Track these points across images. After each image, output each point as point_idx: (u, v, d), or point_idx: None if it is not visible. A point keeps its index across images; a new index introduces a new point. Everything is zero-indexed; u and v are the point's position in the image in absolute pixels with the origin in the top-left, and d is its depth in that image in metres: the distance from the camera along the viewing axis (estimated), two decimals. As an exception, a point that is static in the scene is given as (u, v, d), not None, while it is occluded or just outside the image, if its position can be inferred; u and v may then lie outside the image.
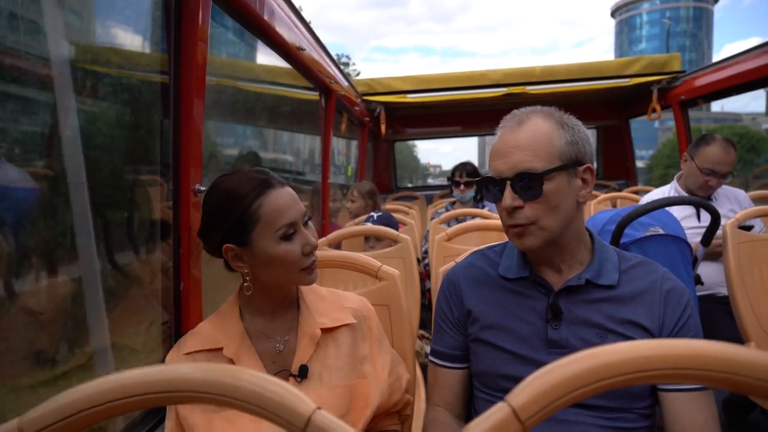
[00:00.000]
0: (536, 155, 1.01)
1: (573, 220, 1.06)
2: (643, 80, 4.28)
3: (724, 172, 2.43)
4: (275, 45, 2.05)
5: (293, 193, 1.09)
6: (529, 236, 1.05)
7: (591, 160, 1.07)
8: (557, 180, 1.01)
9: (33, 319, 1.06)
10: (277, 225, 1.04)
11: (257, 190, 1.04)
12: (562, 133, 1.03)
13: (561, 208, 1.03)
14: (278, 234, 1.04)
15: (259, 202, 1.04)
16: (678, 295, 1.05)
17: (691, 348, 0.46)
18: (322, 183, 3.41)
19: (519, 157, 1.02)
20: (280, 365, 1.09)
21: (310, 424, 0.46)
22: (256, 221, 1.04)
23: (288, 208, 1.06)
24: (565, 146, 1.02)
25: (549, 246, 1.07)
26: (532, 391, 0.46)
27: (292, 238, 1.06)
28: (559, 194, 1.02)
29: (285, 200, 1.06)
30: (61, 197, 1.09)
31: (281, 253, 1.04)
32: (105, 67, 1.23)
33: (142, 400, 0.50)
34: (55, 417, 0.49)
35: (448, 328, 1.19)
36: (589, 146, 1.07)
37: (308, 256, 1.08)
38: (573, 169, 1.03)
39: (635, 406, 1.02)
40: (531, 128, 1.03)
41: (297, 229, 1.07)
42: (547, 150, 1.01)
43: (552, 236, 1.04)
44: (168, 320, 1.31)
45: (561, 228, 1.04)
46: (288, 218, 1.05)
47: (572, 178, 1.04)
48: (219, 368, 0.51)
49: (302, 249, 1.07)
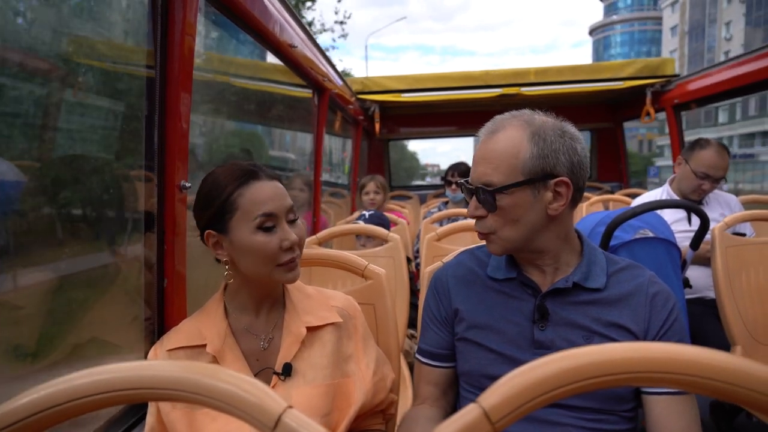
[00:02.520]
0: (497, 169, 1.02)
1: (545, 229, 1.06)
2: (637, 83, 4.30)
3: (718, 177, 2.44)
4: (266, 41, 2.03)
5: (280, 187, 1.08)
6: (491, 244, 1.09)
7: (572, 171, 1.03)
8: (517, 195, 1.02)
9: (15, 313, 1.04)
10: (254, 214, 1.03)
11: (240, 180, 1.04)
12: (529, 147, 1.01)
13: (522, 221, 1.03)
14: (254, 223, 1.03)
15: (239, 192, 1.04)
16: (664, 299, 1.05)
17: (669, 352, 0.46)
18: (314, 180, 3.40)
19: (482, 169, 1.05)
20: (264, 363, 1.09)
21: (280, 423, 0.45)
22: (235, 209, 1.04)
23: (268, 199, 1.04)
24: (530, 160, 1.01)
25: (521, 251, 1.09)
26: (504, 392, 0.45)
27: (271, 231, 1.04)
28: (519, 208, 1.03)
29: (267, 192, 1.05)
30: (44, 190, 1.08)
31: (257, 244, 1.03)
32: (89, 59, 1.22)
33: (116, 397, 0.49)
34: (27, 412, 0.48)
35: (435, 326, 1.19)
36: (568, 157, 1.02)
37: (287, 252, 1.06)
38: (541, 183, 1.02)
39: (618, 408, 1.02)
40: (500, 140, 1.04)
41: (277, 223, 1.05)
42: (508, 164, 1.01)
43: (515, 246, 1.07)
44: (150, 317, 1.30)
45: (523, 239, 1.05)
46: (266, 208, 1.04)
47: (539, 192, 1.02)
48: (193, 366, 0.50)
49: (281, 243, 1.05)
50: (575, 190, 1.04)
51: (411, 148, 39.70)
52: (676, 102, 4.15)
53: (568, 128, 1.06)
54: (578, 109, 5.29)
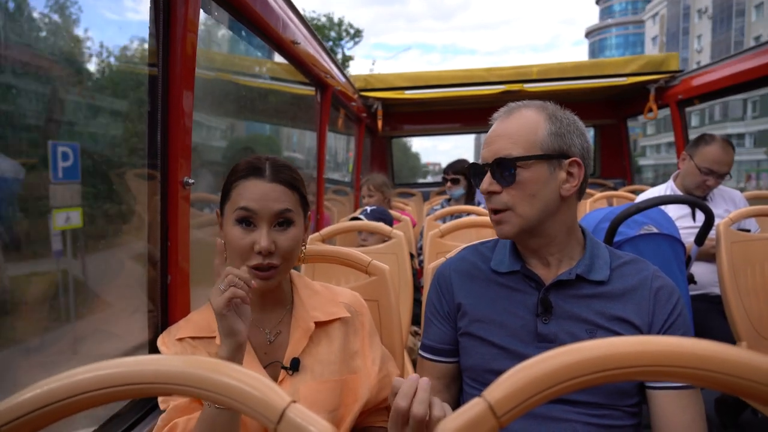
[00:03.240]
0: (516, 143, 1.04)
1: (557, 212, 1.06)
2: (641, 79, 4.28)
3: (723, 173, 2.42)
4: (268, 38, 2.03)
5: (279, 190, 1.04)
6: (505, 224, 1.07)
7: (582, 155, 1.06)
8: (535, 168, 1.03)
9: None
10: (236, 206, 1.04)
11: (244, 172, 1.06)
12: (547, 125, 1.05)
13: (538, 197, 1.04)
14: (234, 215, 1.04)
15: (238, 183, 1.06)
16: (668, 294, 1.04)
17: (676, 345, 0.45)
18: (317, 178, 3.40)
19: (500, 145, 1.06)
20: (272, 357, 1.09)
21: (284, 418, 0.45)
22: (228, 197, 1.07)
23: (257, 197, 1.03)
24: (548, 137, 1.04)
25: (531, 236, 1.08)
26: (509, 386, 0.45)
27: (247, 228, 1.03)
28: (536, 183, 1.03)
29: (259, 190, 1.04)
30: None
31: (230, 235, 1.04)
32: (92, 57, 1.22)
33: (119, 392, 0.49)
34: (30, 407, 0.48)
35: (438, 321, 1.19)
36: (581, 140, 1.07)
37: (256, 255, 1.03)
38: (556, 160, 1.04)
39: (622, 404, 1.01)
40: (517, 118, 1.07)
41: (255, 222, 1.03)
42: (527, 138, 1.04)
43: (529, 224, 1.06)
44: (154, 311, 1.30)
45: (538, 217, 1.05)
46: (247, 203, 1.03)
47: (554, 170, 1.04)
48: (197, 361, 0.50)
49: (253, 244, 1.02)
50: (583, 177, 1.06)
51: (413, 148, 39.78)
52: (680, 98, 4.12)
53: (577, 118, 1.10)
54: (581, 106, 5.25)
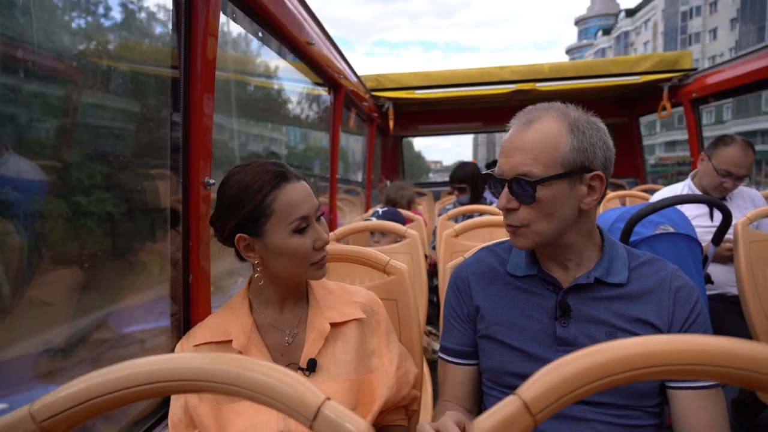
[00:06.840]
0: (536, 160, 0.99)
1: (574, 225, 1.04)
2: (655, 77, 4.24)
3: (741, 175, 2.36)
4: (284, 39, 2.04)
5: (308, 187, 1.10)
6: (520, 237, 1.05)
7: (605, 166, 1.03)
8: (555, 187, 0.99)
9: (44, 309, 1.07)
10: (291, 218, 1.05)
11: (272, 183, 1.05)
12: (569, 139, 0.99)
13: (557, 215, 1.01)
14: (291, 227, 1.05)
15: (273, 195, 1.04)
16: (687, 293, 1.03)
17: (700, 343, 0.46)
18: (330, 178, 3.41)
19: (519, 159, 1.00)
20: (289, 358, 1.10)
21: (320, 415, 0.45)
22: (270, 213, 1.04)
23: (302, 202, 1.06)
24: (570, 153, 0.99)
25: (547, 247, 1.07)
26: (543, 384, 0.45)
27: (304, 232, 1.07)
28: (556, 201, 1.00)
29: (299, 194, 1.07)
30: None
31: (293, 247, 1.05)
32: (115, 61, 1.24)
33: (153, 389, 0.50)
34: (66, 405, 0.49)
35: (458, 324, 1.19)
36: (603, 152, 1.02)
37: (319, 251, 1.10)
38: (578, 176, 1.00)
39: (643, 404, 1.01)
40: (538, 130, 1.00)
41: (309, 224, 1.08)
42: (549, 155, 0.98)
43: (544, 240, 1.04)
44: (177, 312, 1.32)
45: (555, 233, 1.03)
46: (301, 212, 1.06)
47: (576, 185, 1.01)
48: (229, 358, 0.51)
49: (314, 243, 1.08)
50: (605, 188, 1.04)
51: (415, 147, 39.79)
52: (694, 96, 4.08)
53: (600, 123, 1.05)
54: (593, 105, 5.20)
